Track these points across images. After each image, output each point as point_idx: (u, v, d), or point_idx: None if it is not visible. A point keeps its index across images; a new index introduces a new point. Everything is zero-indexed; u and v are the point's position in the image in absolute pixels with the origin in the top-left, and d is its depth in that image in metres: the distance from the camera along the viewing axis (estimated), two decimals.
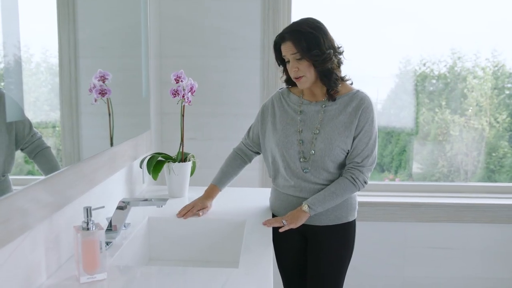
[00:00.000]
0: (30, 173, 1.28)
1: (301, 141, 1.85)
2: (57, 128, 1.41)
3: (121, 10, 2.01)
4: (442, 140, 2.95)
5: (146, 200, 1.67)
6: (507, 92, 2.92)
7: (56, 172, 1.34)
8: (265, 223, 1.83)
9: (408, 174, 3.01)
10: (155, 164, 2.14)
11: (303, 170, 1.85)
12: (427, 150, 2.98)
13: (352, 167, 1.82)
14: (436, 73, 2.92)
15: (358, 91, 1.85)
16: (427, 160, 3.00)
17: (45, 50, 1.32)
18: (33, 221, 1.20)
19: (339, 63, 1.84)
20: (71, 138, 1.49)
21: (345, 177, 1.82)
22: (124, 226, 1.73)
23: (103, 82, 1.66)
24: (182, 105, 2.12)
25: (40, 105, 1.32)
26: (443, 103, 2.91)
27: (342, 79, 1.87)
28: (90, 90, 1.63)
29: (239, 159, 2.09)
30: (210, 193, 2.03)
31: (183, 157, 2.19)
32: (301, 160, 1.85)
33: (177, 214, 1.93)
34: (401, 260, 2.77)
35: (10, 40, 1.12)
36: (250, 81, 2.68)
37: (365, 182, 1.84)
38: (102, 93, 1.66)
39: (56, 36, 1.37)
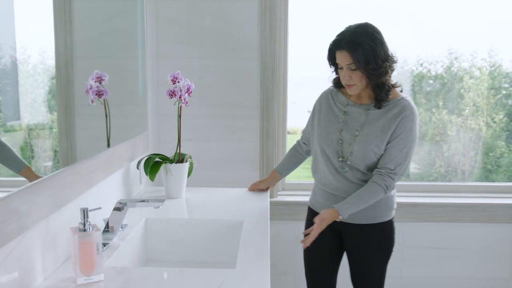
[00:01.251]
0: None
1: (340, 141, 1.90)
2: (54, 130, 1.41)
3: (118, 11, 2.01)
4: (439, 140, 2.95)
5: (143, 201, 1.67)
6: (504, 92, 2.93)
7: (53, 173, 1.34)
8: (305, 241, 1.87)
9: (405, 174, 3.01)
10: (152, 165, 2.14)
11: (341, 169, 1.90)
12: (424, 150, 2.98)
13: (385, 173, 1.84)
14: (433, 73, 2.93)
15: (402, 98, 1.87)
16: (424, 160, 3.00)
17: (42, 51, 1.32)
18: (29, 223, 1.20)
19: (392, 71, 1.86)
20: (68, 140, 1.49)
21: (379, 184, 1.83)
22: (121, 227, 1.73)
23: (100, 83, 1.66)
24: (179, 106, 2.12)
25: (38, 106, 1.32)
26: (440, 103, 2.91)
27: (393, 86, 1.88)
28: (87, 91, 1.63)
29: (296, 150, 2.23)
30: (269, 176, 2.29)
31: (180, 158, 2.19)
32: (339, 159, 1.90)
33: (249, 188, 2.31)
34: (399, 260, 2.77)
35: (7, 41, 1.12)
36: (247, 82, 2.68)
37: (392, 189, 1.88)
38: (99, 94, 1.66)
39: (52, 37, 1.37)
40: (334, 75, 1.97)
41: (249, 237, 1.69)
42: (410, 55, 2.89)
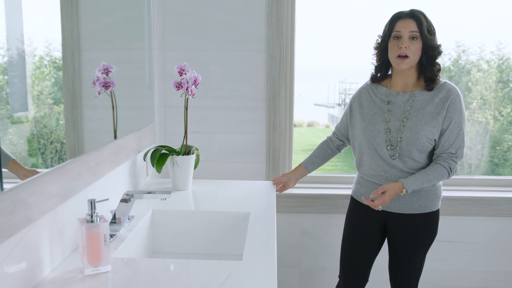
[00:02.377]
0: (34, 166, 1.28)
1: (388, 130, 1.94)
2: (61, 122, 1.41)
3: (124, 2, 2.01)
4: None
5: (150, 192, 1.67)
6: None
7: (60, 164, 1.34)
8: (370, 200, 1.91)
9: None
10: (159, 157, 2.14)
11: (391, 157, 1.93)
12: None
13: (448, 157, 1.91)
14: (441, 66, 2.91)
15: (445, 82, 1.95)
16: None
17: (48, 43, 1.32)
18: (37, 214, 1.21)
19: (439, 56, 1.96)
20: (74, 131, 1.49)
21: (443, 166, 1.90)
22: (128, 219, 1.74)
23: (107, 75, 1.66)
24: (186, 98, 2.12)
25: (44, 98, 1.32)
26: None
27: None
28: (94, 83, 1.63)
29: (325, 144, 2.26)
30: (295, 170, 2.27)
31: (186, 150, 2.19)
32: (388, 148, 1.94)
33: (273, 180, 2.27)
34: None
35: (14, 33, 1.12)
36: (254, 74, 2.67)
37: (455, 172, 1.94)
38: (106, 86, 1.66)
39: (59, 29, 1.37)
40: (372, 71, 2.05)
41: (255, 230, 1.70)
42: None
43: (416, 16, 1.88)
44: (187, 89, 2.06)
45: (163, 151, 2.18)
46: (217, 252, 1.89)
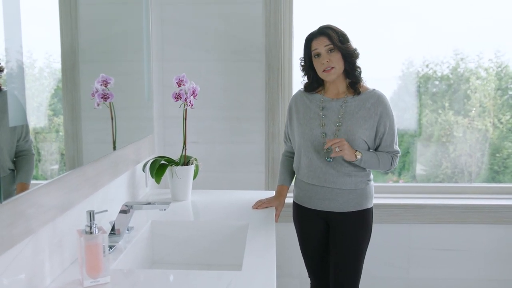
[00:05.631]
0: (34, 178, 1.28)
1: (324, 134, 2.03)
2: (60, 133, 1.41)
3: (123, 14, 2.02)
4: (445, 142, 2.94)
5: (149, 203, 1.67)
6: (511, 92, 2.91)
7: (59, 176, 1.35)
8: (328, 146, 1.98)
9: (411, 175, 3.00)
10: (158, 168, 2.14)
11: (326, 159, 2.03)
12: (430, 151, 2.97)
13: (390, 152, 2.08)
14: (439, 74, 2.92)
15: (374, 89, 2.08)
16: (430, 161, 2.99)
17: (48, 55, 1.33)
18: (36, 225, 1.21)
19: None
20: (74, 143, 1.50)
21: (388, 155, 2.07)
22: (127, 230, 1.73)
23: (106, 86, 1.67)
24: (185, 108, 2.12)
25: (44, 110, 1.33)
26: (446, 104, 2.90)
27: None
28: (93, 95, 1.63)
29: (291, 158, 2.27)
30: (280, 192, 2.21)
31: (185, 161, 2.20)
32: (325, 150, 2.03)
33: (252, 206, 2.12)
34: (405, 262, 2.76)
35: (13, 45, 1.13)
36: (253, 83, 2.68)
37: (395, 166, 2.11)
38: (105, 97, 1.67)
39: (58, 41, 1.38)
40: (305, 81, 2.14)
41: (254, 239, 1.69)
42: (415, 56, 2.88)
43: (325, 33, 2.00)
44: (185, 100, 2.07)
45: (162, 161, 2.19)
46: (216, 262, 1.89)
